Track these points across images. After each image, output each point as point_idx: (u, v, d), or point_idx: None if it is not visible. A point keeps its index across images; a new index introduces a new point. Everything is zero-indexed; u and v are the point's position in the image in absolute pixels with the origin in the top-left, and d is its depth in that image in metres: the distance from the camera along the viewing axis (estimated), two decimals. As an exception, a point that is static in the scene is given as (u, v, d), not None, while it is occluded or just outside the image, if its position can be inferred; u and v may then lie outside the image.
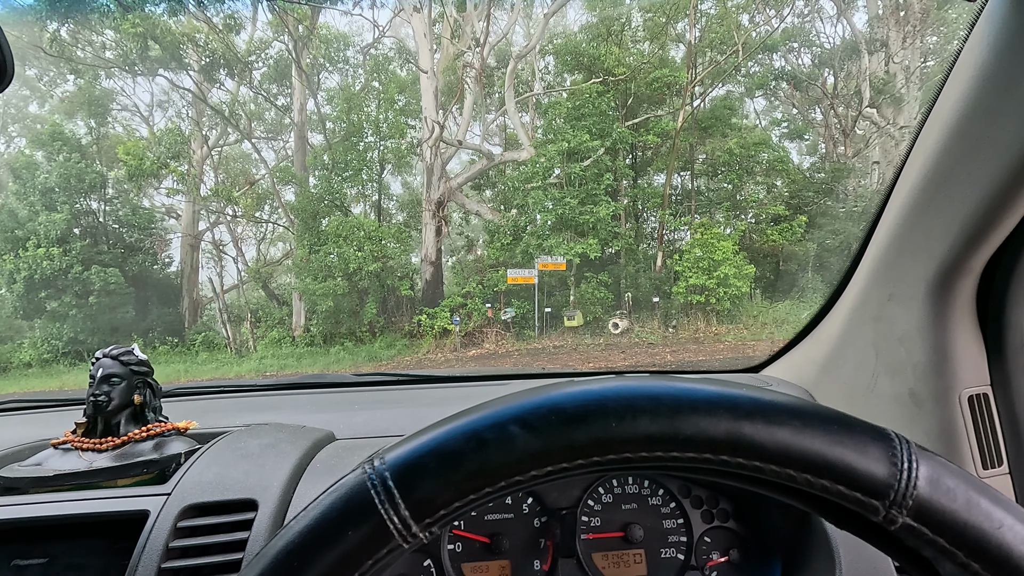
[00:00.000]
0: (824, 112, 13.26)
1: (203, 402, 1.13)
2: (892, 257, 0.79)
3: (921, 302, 0.74)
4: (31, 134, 13.03)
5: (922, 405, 0.77)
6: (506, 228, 11.79)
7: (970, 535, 0.27)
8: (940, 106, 0.64)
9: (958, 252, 0.67)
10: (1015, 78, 0.54)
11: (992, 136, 0.58)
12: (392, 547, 0.32)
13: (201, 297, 13.56)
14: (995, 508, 0.28)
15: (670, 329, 10.50)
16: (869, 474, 0.28)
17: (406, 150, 13.17)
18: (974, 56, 0.58)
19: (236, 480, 0.73)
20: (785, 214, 11.78)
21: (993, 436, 0.74)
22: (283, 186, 13.03)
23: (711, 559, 0.87)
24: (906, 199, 0.73)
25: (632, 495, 0.90)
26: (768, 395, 0.32)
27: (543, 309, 10.94)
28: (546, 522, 0.87)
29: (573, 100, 11.88)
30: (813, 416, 0.30)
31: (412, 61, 12.80)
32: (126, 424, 0.84)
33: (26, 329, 11.65)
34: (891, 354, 0.82)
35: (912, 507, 0.28)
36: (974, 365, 0.74)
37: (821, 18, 13.59)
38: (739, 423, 0.30)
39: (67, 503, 0.70)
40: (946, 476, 0.29)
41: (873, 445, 0.29)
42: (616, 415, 0.31)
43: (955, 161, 0.63)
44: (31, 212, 11.26)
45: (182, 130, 12.21)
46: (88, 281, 11.18)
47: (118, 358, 0.84)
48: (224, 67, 12.35)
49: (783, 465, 0.30)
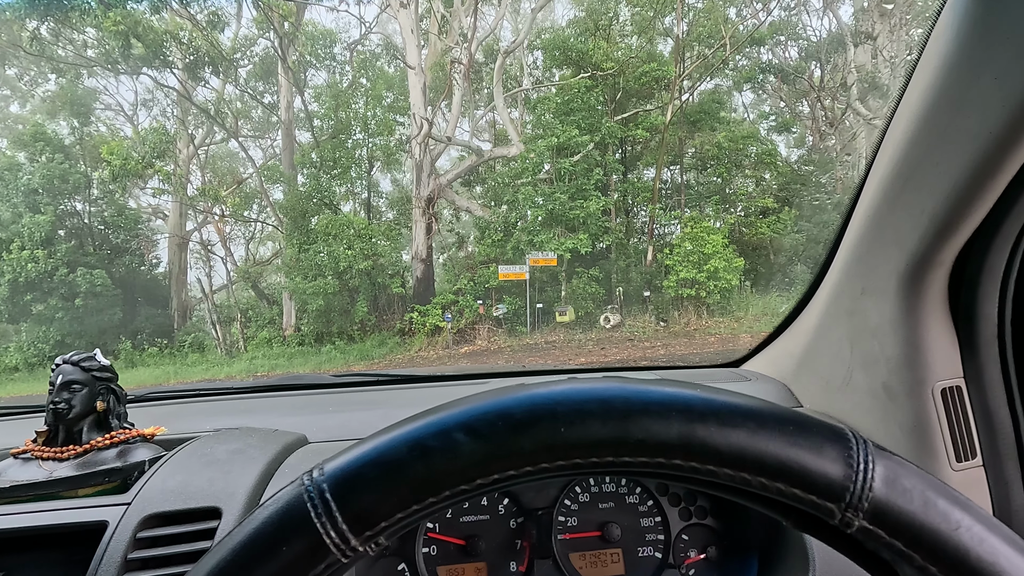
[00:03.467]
0: (811, 105, 13.32)
1: (174, 407, 1.11)
2: (864, 250, 0.79)
3: (893, 295, 0.74)
4: (12, 135, 12.84)
5: (896, 398, 0.77)
6: (497, 224, 11.77)
7: (927, 537, 0.27)
8: (908, 96, 0.63)
9: (928, 244, 0.66)
10: (979, 68, 0.53)
11: (959, 126, 0.57)
12: (331, 562, 0.30)
13: (190, 298, 13.46)
14: (953, 509, 0.27)
15: (661, 323, 10.53)
16: (824, 476, 0.28)
17: (395, 147, 13.11)
18: (939, 46, 0.57)
19: (200, 488, 0.71)
20: (774, 207, 11.84)
21: (967, 428, 0.74)
22: (271, 185, 12.93)
23: (689, 557, 0.87)
24: (877, 191, 0.73)
25: (609, 494, 0.89)
26: (723, 395, 0.31)
27: (535, 305, 10.95)
28: (522, 523, 0.86)
29: (562, 95, 11.86)
30: (769, 417, 0.30)
31: (400, 57, 12.70)
32: (88, 432, 0.82)
33: (12, 333, 11.50)
34: (865, 348, 0.81)
35: (868, 509, 0.27)
36: (947, 358, 0.73)
37: (808, 11, 13.64)
38: (692, 426, 0.29)
39: (23, 515, 0.68)
40: (903, 476, 0.28)
41: (829, 446, 0.28)
42: (565, 420, 0.30)
43: (923, 152, 0.62)
44: (14, 214, 11.10)
45: (167, 129, 12.07)
46: (74, 283, 11.06)
47: (79, 364, 0.82)
48: (209, 65, 12.20)
49: (737, 469, 0.29)
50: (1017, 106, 0.50)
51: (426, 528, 0.84)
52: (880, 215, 0.73)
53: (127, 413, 0.88)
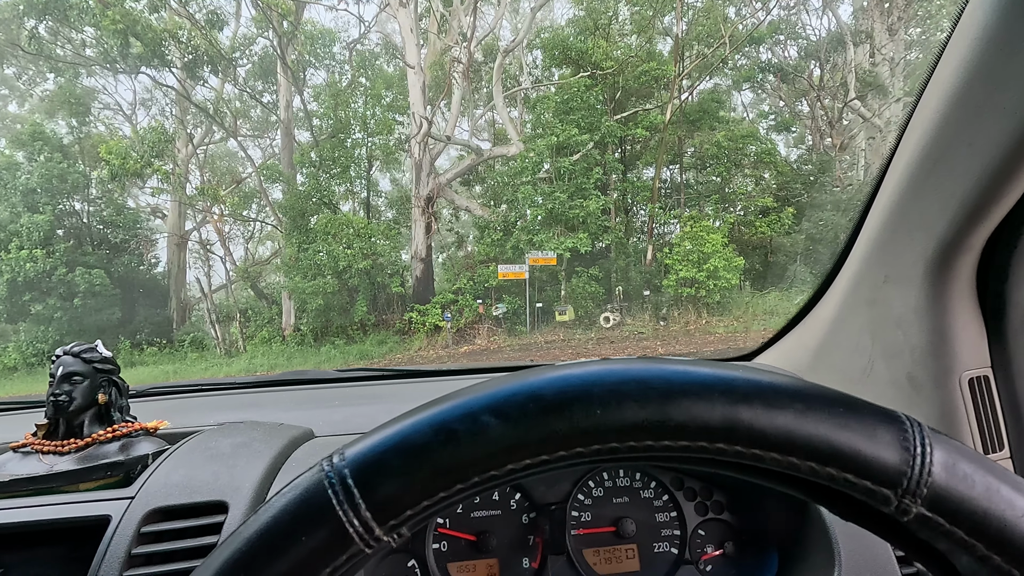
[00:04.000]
0: (811, 104, 13.32)
1: (177, 401, 1.09)
2: (888, 237, 0.77)
3: (919, 283, 0.72)
4: (11, 134, 12.80)
5: (921, 389, 0.75)
6: (496, 223, 11.75)
7: (991, 525, 0.25)
8: (939, 74, 0.61)
9: (958, 228, 0.64)
10: (1018, 40, 0.51)
11: (995, 103, 0.55)
12: (353, 553, 0.28)
13: (189, 298, 13.43)
14: (1017, 495, 0.26)
15: (660, 322, 10.52)
16: (879, 460, 0.26)
17: (394, 146, 13.08)
18: (976, 17, 0.54)
19: (205, 482, 0.69)
20: (773, 206, 11.84)
21: (994, 419, 0.72)
22: (270, 184, 12.90)
23: (705, 552, 0.85)
24: (902, 175, 0.71)
25: (623, 488, 0.87)
26: (767, 376, 0.29)
27: (534, 304, 10.93)
28: (534, 518, 0.84)
29: (561, 94, 11.84)
30: (817, 398, 0.28)
31: (399, 56, 12.69)
32: (90, 425, 0.80)
33: (11, 332, 11.47)
34: (888, 337, 0.79)
35: (927, 496, 0.25)
36: (974, 347, 0.71)
37: (807, 10, 13.64)
38: (736, 407, 0.27)
39: (24, 510, 0.65)
40: (963, 461, 0.26)
41: (883, 429, 0.27)
42: (600, 402, 0.28)
43: (955, 131, 0.60)
44: (13, 214, 11.07)
45: (166, 128, 12.04)
46: (73, 283, 11.03)
47: (80, 355, 0.80)
48: (208, 64, 12.17)
49: (785, 453, 0.27)
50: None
51: (436, 524, 0.82)
52: (906, 200, 0.71)
53: (129, 406, 0.86)
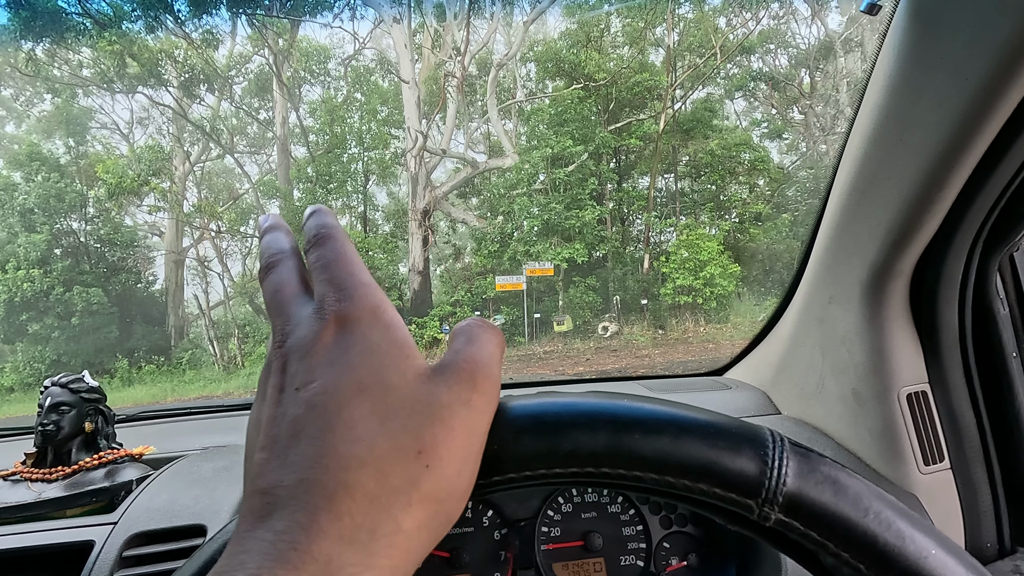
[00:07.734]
0: (802, 111, 13.45)
1: (164, 426, 1.12)
2: (831, 260, 0.81)
3: (858, 304, 0.76)
4: (8, 155, 12.86)
5: (864, 404, 0.79)
6: (493, 235, 11.80)
7: (839, 525, 0.28)
8: (861, 114, 0.66)
9: (887, 255, 0.69)
10: (919, 88, 0.56)
11: (906, 142, 0.60)
12: None
13: (187, 315, 13.42)
14: (862, 497, 0.29)
15: (658, 331, 10.54)
16: (742, 474, 0.29)
17: (390, 160, 13.17)
18: (885, 66, 0.59)
19: (185, 506, 0.72)
20: (768, 212, 11.91)
21: (933, 432, 0.76)
22: (267, 200, 12.96)
23: (670, 564, 0.88)
24: (838, 203, 0.75)
25: (591, 503, 0.90)
26: (650, 404, 0.32)
27: (532, 315, 10.95)
28: (506, 534, 0.87)
29: (555, 106, 11.95)
30: (691, 422, 0.31)
31: (394, 71, 12.81)
32: (77, 452, 0.84)
33: (8, 353, 11.44)
34: (835, 355, 0.83)
35: (783, 503, 0.28)
36: (911, 364, 0.75)
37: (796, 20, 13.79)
38: (618, 435, 0.31)
39: (11, 536, 0.69)
40: (817, 470, 0.29)
41: (747, 445, 0.30)
42: (499, 439, 0.32)
43: (876, 167, 0.65)
44: (10, 234, 11.10)
45: (163, 147, 12.12)
46: (70, 302, 11.03)
47: (67, 386, 0.84)
48: (204, 82, 12.29)
49: (661, 472, 0.30)
50: (955, 125, 0.53)
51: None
52: (842, 226, 0.76)
53: (115, 433, 0.89)
